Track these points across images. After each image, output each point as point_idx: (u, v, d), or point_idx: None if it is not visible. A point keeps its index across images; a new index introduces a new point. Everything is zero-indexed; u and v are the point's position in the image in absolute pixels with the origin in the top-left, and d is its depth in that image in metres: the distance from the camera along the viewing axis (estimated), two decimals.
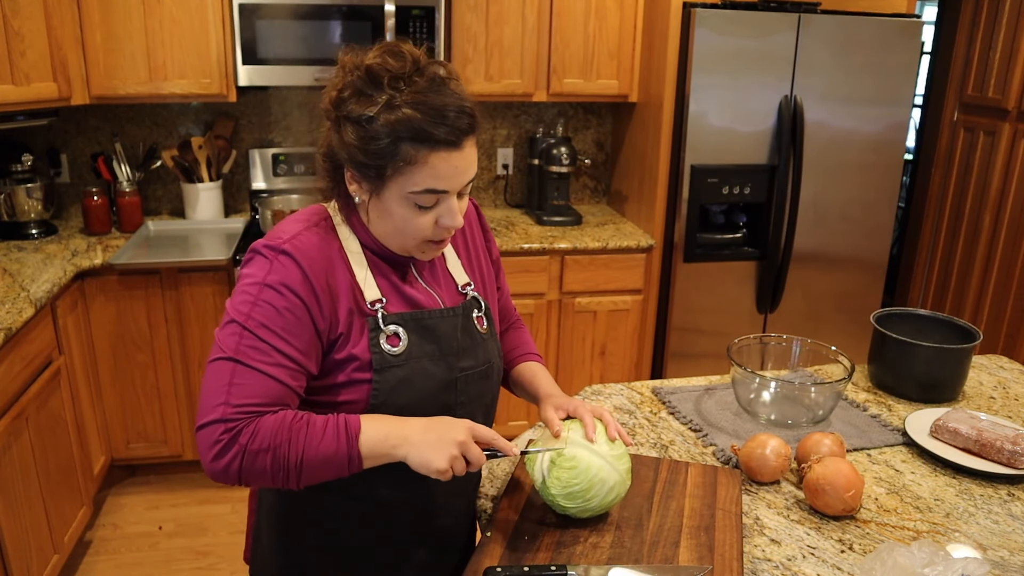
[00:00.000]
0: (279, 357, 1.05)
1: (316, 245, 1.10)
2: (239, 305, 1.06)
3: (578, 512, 1.18)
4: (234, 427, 1.01)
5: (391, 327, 1.13)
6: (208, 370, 1.06)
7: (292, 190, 3.25)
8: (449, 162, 1.05)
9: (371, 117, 1.03)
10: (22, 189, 2.84)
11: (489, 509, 1.29)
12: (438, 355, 1.17)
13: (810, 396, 1.58)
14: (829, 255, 3.17)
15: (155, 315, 2.75)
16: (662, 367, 3.23)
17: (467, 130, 1.06)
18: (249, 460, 1.01)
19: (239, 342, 1.04)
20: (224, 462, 1.01)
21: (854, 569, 1.15)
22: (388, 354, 1.12)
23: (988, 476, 1.41)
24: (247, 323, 1.05)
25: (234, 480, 1.03)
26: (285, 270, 1.06)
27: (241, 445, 1.01)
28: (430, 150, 1.03)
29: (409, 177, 1.05)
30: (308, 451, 1.03)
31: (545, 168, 3.25)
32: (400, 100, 1.03)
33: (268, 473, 1.03)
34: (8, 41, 2.44)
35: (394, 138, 1.03)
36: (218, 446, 1.01)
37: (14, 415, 2.07)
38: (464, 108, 1.05)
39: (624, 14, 3.10)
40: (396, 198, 1.08)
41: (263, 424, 1.02)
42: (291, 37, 2.79)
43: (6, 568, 2.00)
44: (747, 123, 2.95)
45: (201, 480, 3.05)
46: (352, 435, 1.05)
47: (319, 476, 1.05)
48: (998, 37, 3.47)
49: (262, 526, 1.30)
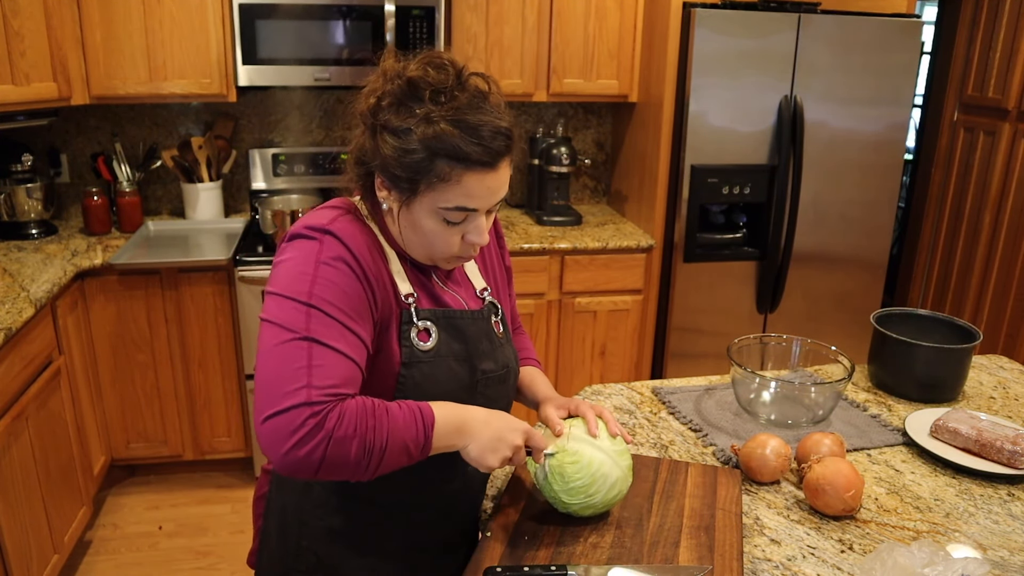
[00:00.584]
0: (351, 336, 1.02)
1: (356, 229, 1.08)
2: (296, 284, 1.01)
3: (580, 509, 1.18)
4: (321, 411, 0.95)
5: (423, 322, 1.13)
6: (275, 354, 0.99)
7: (292, 190, 3.25)
8: (483, 182, 1.05)
9: (408, 129, 1.02)
10: (22, 189, 2.84)
11: (489, 509, 1.29)
12: (464, 356, 1.17)
13: (810, 396, 1.58)
14: (829, 255, 3.17)
15: (155, 315, 2.75)
16: (662, 367, 3.23)
17: (503, 151, 1.06)
18: (335, 447, 0.96)
19: (308, 321, 0.99)
20: (307, 450, 0.94)
21: (854, 569, 1.15)
22: (417, 349, 1.12)
23: (988, 476, 1.41)
24: (312, 300, 1.00)
25: (311, 470, 0.97)
26: (336, 248, 1.04)
27: (327, 431, 0.95)
28: (465, 169, 1.03)
29: (441, 193, 1.04)
30: (392, 436, 1.00)
31: (545, 168, 3.25)
32: (439, 115, 1.02)
33: (350, 461, 0.98)
34: (8, 41, 2.44)
35: (430, 153, 1.02)
36: (301, 432, 0.94)
37: (14, 415, 2.07)
38: (500, 129, 1.05)
39: (624, 14, 3.10)
40: (426, 211, 1.07)
41: (348, 408, 0.98)
42: (291, 37, 2.79)
43: (6, 568, 2.00)
44: (747, 123, 2.95)
45: (201, 480, 3.05)
46: (428, 424, 1.04)
47: (393, 463, 1.02)
48: (998, 37, 3.47)
49: (271, 530, 1.29)
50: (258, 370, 0.99)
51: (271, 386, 0.96)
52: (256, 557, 1.35)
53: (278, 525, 1.27)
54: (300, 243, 1.06)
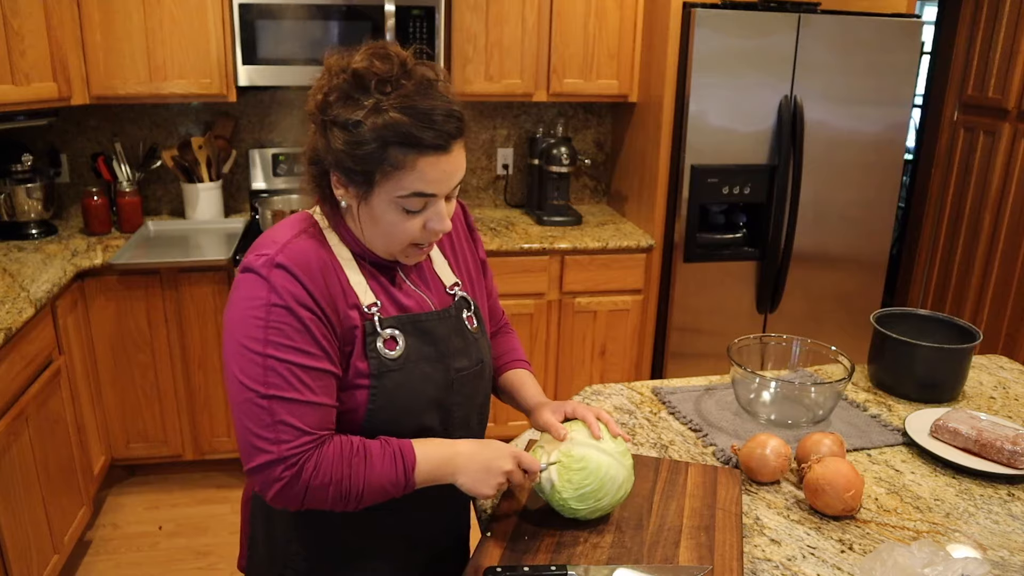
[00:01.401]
0: (310, 378, 1.03)
1: (308, 252, 1.07)
2: (250, 331, 1.02)
3: (589, 514, 1.18)
4: (295, 462, 1.02)
5: (388, 331, 1.12)
6: (241, 411, 1.02)
7: (292, 190, 3.25)
8: (438, 166, 1.04)
9: (358, 122, 1.01)
10: (22, 189, 2.84)
11: (489, 509, 1.29)
12: (435, 357, 1.16)
13: (810, 396, 1.58)
14: (829, 255, 3.17)
15: (155, 315, 2.75)
16: (662, 367, 3.23)
17: (455, 134, 1.04)
18: (312, 494, 1.04)
19: (265, 375, 1.01)
20: (289, 497, 1.04)
21: (854, 569, 1.15)
22: (385, 358, 1.11)
23: (988, 476, 1.41)
24: (266, 350, 1.01)
25: (297, 510, 1.07)
26: (283, 284, 1.03)
27: (304, 481, 1.03)
28: (418, 154, 1.02)
29: (397, 182, 1.03)
30: (369, 482, 1.06)
31: (545, 168, 3.25)
32: (387, 104, 1.01)
33: (329, 502, 1.06)
34: (8, 41, 2.44)
35: (382, 143, 1.01)
36: (279, 484, 1.02)
37: (14, 415, 2.07)
38: (452, 111, 1.03)
39: (624, 14, 3.10)
40: (384, 203, 1.05)
41: (324, 457, 1.04)
42: (291, 37, 2.79)
43: (6, 568, 2.00)
44: (747, 123, 2.95)
45: (201, 480, 3.05)
46: (409, 466, 1.08)
47: (376, 501, 1.09)
48: (998, 37, 3.47)
49: (257, 536, 1.29)
50: (234, 421, 1.06)
51: (245, 443, 1.04)
52: (245, 561, 1.34)
53: (265, 529, 1.27)
54: (250, 281, 1.04)
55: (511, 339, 1.45)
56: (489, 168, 3.54)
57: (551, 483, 1.17)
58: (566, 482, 1.15)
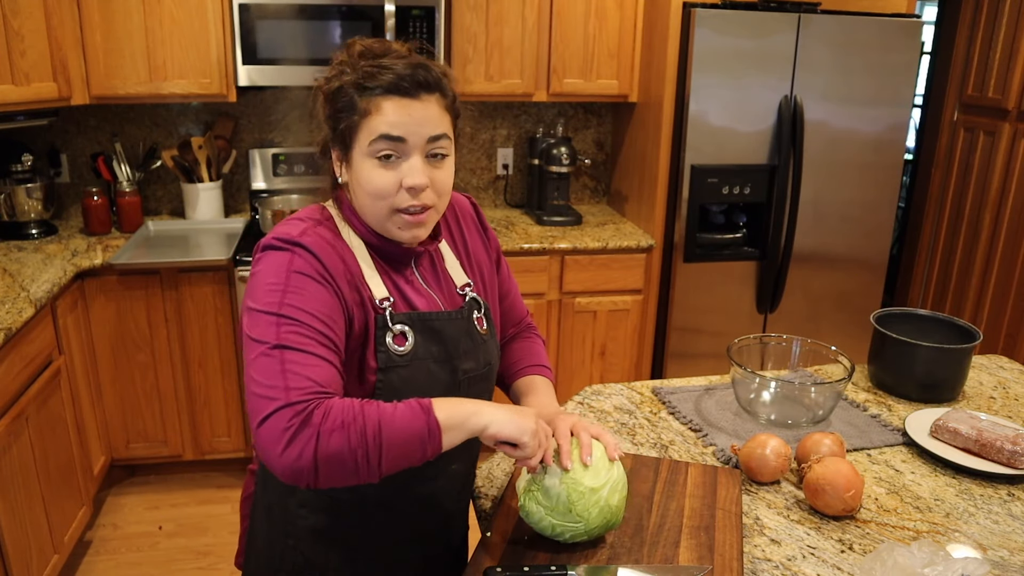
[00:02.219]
0: (323, 339, 1.02)
1: (325, 240, 1.09)
2: (267, 297, 1.03)
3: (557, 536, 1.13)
4: (304, 408, 0.95)
5: (398, 326, 1.12)
6: (253, 368, 1.00)
7: (292, 190, 3.25)
8: (404, 110, 1.06)
9: (339, 87, 1.08)
10: (22, 189, 2.84)
11: (489, 509, 1.29)
12: (443, 357, 1.16)
13: (810, 396, 1.58)
14: (829, 255, 3.17)
15: (155, 315, 2.75)
16: (662, 367, 3.23)
17: (424, 83, 1.07)
18: (325, 442, 0.94)
19: (278, 330, 1.01)
20: (297, 449, 0.93)
21: (854, 569, 1.15)
22: (394, 353, 1.11)
23: (988, 476, 1.41)
24: (282, 310, 1.02)
25: (309, 471, 0.94)
26: (305, 258, 1.05)
27: (315, 426, 0.94)
28: (383, 96, 1.06)
29: (367, 130, 1.07)
30: (386, 425, 0.97)
31: (545, 168, 3.25)
32: (361, 65, 1.08)
33: (347, 455, 0.95)
34: (8, 41, 2.44)
35: (352, 94, 1.07)
36: (289, 432, 0.94)
37: (14, 415, 2.07)
38: (420, 63, 1.07)
39: (624, 14, 3.10)
40: (361, 157, 1.09)
41: (333, 404, 0.97)
42: (291, 37, 2.79)
43: (6, 568, 2.00)
44: (747, 123, 2.95)
45: (201, 480, 3.05)
46: (425, 406, 1.01)
47: (400, 455, 0.98)
48: (998, 37, 3.47)
49: (257, 531, 1.29)
50: (246, 385, 1.02)
51: (254, 397, 0.98)
52: (243, 558, 1.34)
53: (264, 525, 1.27)
54: (272, 255, 1.07)
55: (534, 343, 1.41)
56: (489, 168, 3.54)
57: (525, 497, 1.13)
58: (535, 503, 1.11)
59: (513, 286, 1.41)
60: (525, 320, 1.44)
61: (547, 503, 1.10)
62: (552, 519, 1.10)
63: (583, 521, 1.09)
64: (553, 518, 1.10)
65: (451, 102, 1.12)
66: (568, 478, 1.09)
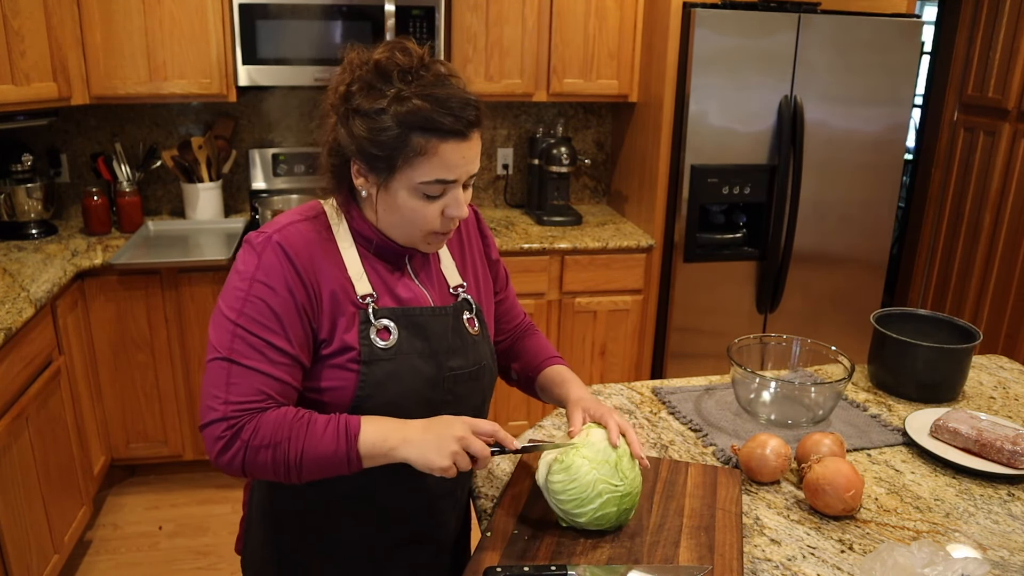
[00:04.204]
0: (273, 353, 1.07)
1: (307, 235, 1.12)
2: (231, 301, 1.09)
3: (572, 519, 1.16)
4: (236, 423, 1.05)
5: (382, 321, 1.14)
6: (207, 369, 1.08)
7: (292, 190, 3.25)
8: (457, 152, 1.08)
9: (381, 109, 1.05)
10: (22, 189, 2.84)
11: (489, 509, 1.29)
12: (428, 353, 1.17)
13: (810, 396, 1.58)
14: (829, 255, 3.17)
15: (155, 315, 2.75)
16: (662, 367, 3.23)
17: (474, 121, 1.09)
18: (251, 455, 1.05)
19: (232, 341, 1.07)
20: (228, 457, 1.05)
21: (854, 569, 1.15)
22: (377, 347, 1.13)
23: (988, 476, 1.41)
24: (239, 320, 1.07)
25: (239, 473, 1.07)
26: (273, 262, 1.08)
27: (243, 441, 1.05)
28: (440, 140, 1.06)
29: (418, 168, 1.07)
30: (308, 449, 1.05)
31: (545, 168, 3.25)
32: (409, 92, 1.05)
33: (270, 468, 1.06)
34: (8, 41, 2.44)
35: (404, 129, 1.05)
36: (221, 442, 1.05)
37: (14, 415, 2.07)
38: (470, 101, 1.08)
39: (624, 14, 3.10)
40: (404, 189, 1.09)
41: (264, 421, 1.05)
42: (291, 37, 2.79)
43: (6, 568, 2.00)
44: (747, 123, 2.95)
45: (201, 480, 3.05)
46: (351, 436, 1.06)
47: (320, 473, 1.07)
48: (998, 37, 3.47)
49: (253, 520, 1.31)
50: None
51: (202, 399, 1.08)
52: (242, 544, 1.37)
53: (258, 515, 1.29)
54: (245, 253, 1.11)
55: (540, 339, 1.45)
56: (489, 168, 3.54)
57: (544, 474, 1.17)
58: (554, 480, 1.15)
59: (512, 290, 1.45)
60: (525, 320, 1.47)
61: (592, 455, 1.14)
62: (597, 472, 1.13)
63: (625, 482, 1.15)
64: (598, 471, 1.13)
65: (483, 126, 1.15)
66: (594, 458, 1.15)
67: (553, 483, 1.15)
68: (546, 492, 1.18)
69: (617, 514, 1.16)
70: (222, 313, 1.09)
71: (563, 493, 1.14)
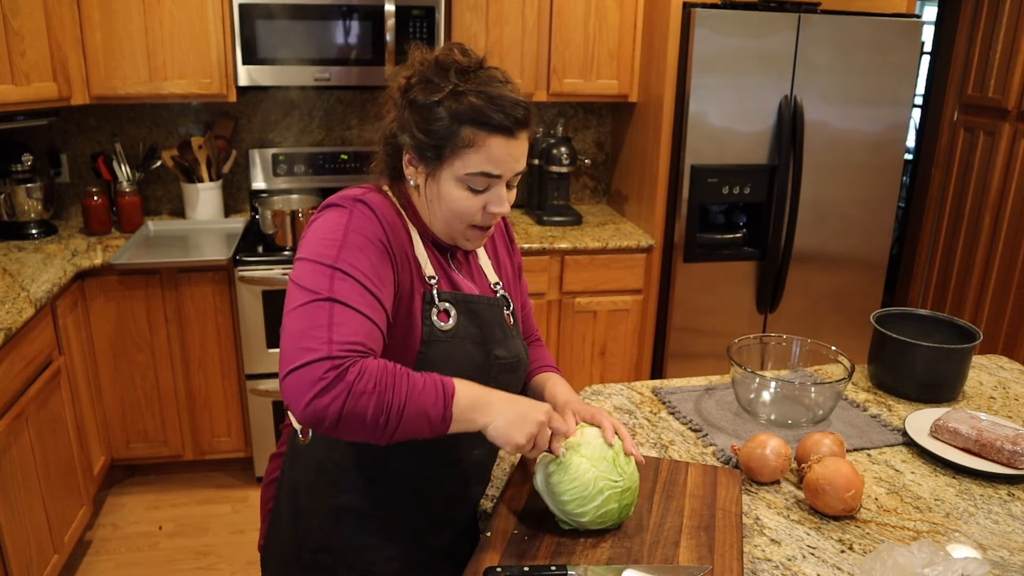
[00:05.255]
0: (372, 300, 1.07)
1: (387, 203, 1.16)
2: (324, 249, 1.07)
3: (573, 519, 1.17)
4: (341, 364, 0.99)
5: (443, 303, 1.18)
6: (298, 313, 1.03)
7: (292, 190, 3.25)
8: (504, 148, 1.12)
9: (437, 102, 1.10)
10: (22, 189, 2.84)
11: (489, 509, 1.29)
12: (480, 339, 1.22)
13: (810, 396, 1.58)
14: (829, 255, 3.17)
15: (155, 315, 2.75)
16: (662, 367, 3.23)
17: (523, 121, 1.13)
18: (353, 401, 0.98)
19: (332, 282, 1.04)
20: (327, 400, 0.97)
21: (854, 569, 1.15)
22: (437, 328, 1.17)
23: (988, 476, 1.41)
24: (338, 263, 1.06)
25: (331, 422, 0.99)
26: (366, 218, 1.11)
27: (348, 383, 0.98)
28: (488, 134, 1.10)
29: (466, 159, 1.11)
30: (410, 401, 1.02)
31: (545, 168, 3.25)
32: (464, 88, 1.11)
33: (369, 416, 1.00)
34: (8, 41, 2.44)
35: (456, 122, 1.10)
36: (322, 383, 0.97)
37: (14, 415, 2.07)
38: (520, 102, 1.12)
39: (624, 14, 3.10)
40: (451, 179, 1.13)
41: (369, 365, 1.01)
42: (291, 37, 2.79)
43: (6, 568, 2.00)
44: (747, 123, 2.95)
45: (201, 480, 3.05)
46: (448, 393, 1.06)
47: (412, 429, 1.03)
48: (998, 37, 3.47)
49: (281, 511, 1.31)
50: (283, 330, 1.04)
51: (293, 343, 1.00)
52: (265, 540, 1.36)
53: (289, 505, 1.29)
54: (332, 211, 1.12)
55: (542, 350, 1.50)
56: None
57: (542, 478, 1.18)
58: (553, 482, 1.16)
59: (528, 302, 1.49)
60: (534, 333, 1.52)
61: (590, 454, 1.15)
62: (596, 470, 1.14)
63: (624, 477, 1.15)
64: (597, 469, 1.14)
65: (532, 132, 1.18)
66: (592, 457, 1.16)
67: (553, 484, 1.15)
68: (546, 495, 1.17)
69: (619, 510, 1.16)
70: (314, 261, 1.06)
71: (564, 494, 1.14)
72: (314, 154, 3.26)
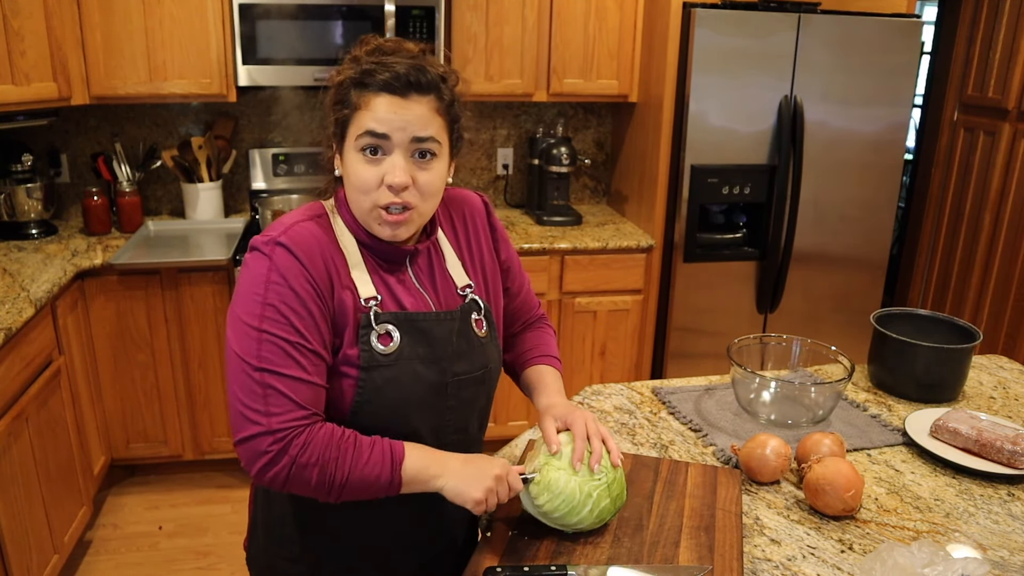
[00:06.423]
0: (303, 355, 1.06)
1: (312, 235, 1.11)
2: (248, 307, 1.06)
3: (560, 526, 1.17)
4: (284, 437, 1.03)
5: (383, 326, 1.12)
6: (235, 383, 1.05)
7: (292, 190, 3.25)
8: (389, 107, 1.07)
9: (341, 80, 1.11)
10: (22, 189, 2.84)
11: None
12: (431, 358, 1.16)
13: (810, 396, 1.58)
14: (829, 255, 3.17)
15: (155, 315, 2.75)
16: (662, 367, 3.23)
17: (416, 84, 1.08)
18: (298, 472, 1.03)
19: (259, 349, 1.04)
20: (272, 472, 1.03)
21: (854, 569, 1.15)
22: (378, 353, 1.11)
23: (988, 476, 1.41)
24: (262, 325, 1.04)
25: (279, 487, 1.05)
26: (284, 263, 1.07)
27: (291, 457, 1.02)
28: (374, 94, 1.08)
29: (358, 122, 1.09)
30: (354, 472, 1.05)
31: (545, 168, 3.25)
32: (362, 58, 1.10)
33: (312, 485, 1.05)
34: (8, 41, 2.44)
35: (347, 87, 1.10)
36: (267, 457, 1.02)
37: (14, 415, 2.07)
38: (422, 67, 1.08)
39: (624, 14, 3.10)
40: (350, 151, 1.11)
41: (313, 437, 1.04)
42: (291, 37, 2.79)
43: (6, 568, 2.00)
44: (747, 123, 2.95)
45: (201, 480, 3.05)
46: (396, 461, 1.07)
47: (360, 495, 1.08)
48: (998, 37, 3.47)
49: (258, 519, 1.31)
50: (228, 393, 1.07)
51: (237, 412, 1.05)
52: (248, 541, 1.36)
53: (265, 515, 1.28)
54: (254, 259, 1.09)
55: (542, 334, 1.44)
56: (489, 168, 3.54)
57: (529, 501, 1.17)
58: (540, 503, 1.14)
59: (525, 281, 1.42)
60: (536, 312, 1.46)
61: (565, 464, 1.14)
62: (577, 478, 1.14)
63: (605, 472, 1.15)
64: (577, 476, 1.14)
65: (447, 105, 1.13)
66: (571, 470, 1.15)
67: (541, 505, 1.14)
68: (540, 516, 1.16)
69: (613, 503, 1.16)
70: (241, 320, 1.06)
71: (556, 510, 1.14)
72: (314, 154, 3.26)
